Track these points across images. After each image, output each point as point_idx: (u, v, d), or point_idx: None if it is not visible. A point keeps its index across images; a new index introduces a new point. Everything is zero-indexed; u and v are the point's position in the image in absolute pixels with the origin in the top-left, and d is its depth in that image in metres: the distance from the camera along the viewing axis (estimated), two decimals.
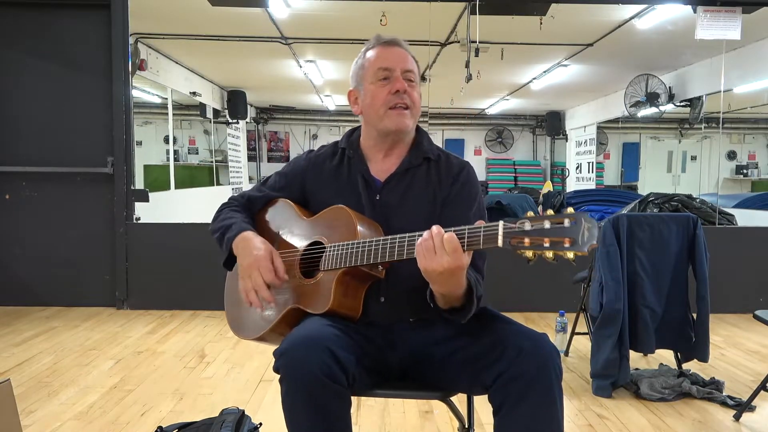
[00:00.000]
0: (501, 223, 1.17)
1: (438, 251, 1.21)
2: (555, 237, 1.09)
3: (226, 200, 1.68)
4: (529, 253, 1.12)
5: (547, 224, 1.10)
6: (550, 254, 1.10)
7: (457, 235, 1.21)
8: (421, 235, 1.26)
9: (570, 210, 1.11)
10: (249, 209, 1.65)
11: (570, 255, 1.08)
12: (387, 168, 1.56)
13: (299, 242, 1.53)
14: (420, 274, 1.25)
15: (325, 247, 1.45)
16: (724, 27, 4.31)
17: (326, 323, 1.35)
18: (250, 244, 1.47)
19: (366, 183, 1.54)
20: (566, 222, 1.09)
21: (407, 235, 1.30)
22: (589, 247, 1.06)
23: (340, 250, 1.40)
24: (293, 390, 1.25)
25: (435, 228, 1.23)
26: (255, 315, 1.54)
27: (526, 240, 1.11)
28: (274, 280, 1.42)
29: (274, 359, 1.29)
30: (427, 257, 1.22)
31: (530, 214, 1.14)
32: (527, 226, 1.12)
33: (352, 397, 1.33)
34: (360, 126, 1.63)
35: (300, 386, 1.24)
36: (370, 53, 1.55)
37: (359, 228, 1.41)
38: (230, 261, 1.55)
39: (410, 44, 1.58)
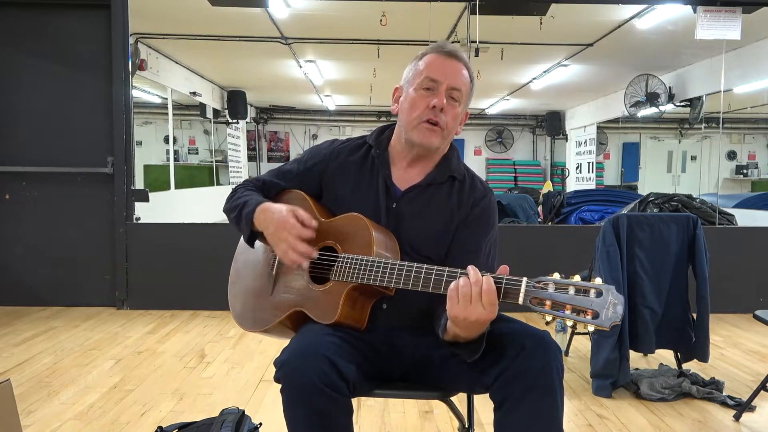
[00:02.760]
0: (524, 280, 1.15)
1: (474, 300, 1.18)
2: (578, 305, 1.08)
3: (240, 182, 1.65)
4: (549, 316, 1.11)
5: (572, 290, 1.09)
6: (569, 321, 1.10)
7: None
8: (439, 271, 1.25)
9: (598, 280, 1.09)
10: (263, 192, 1.60)
11: (590, 328, 1.08)
12: (410, 177, 1.52)
13: (312, 243, 1.50)
14: None
15: (337, 256, 1.42)
16: (724, 27, 4.31)
17: (327, 332, 1.34)
18: (269, 213, 1.44)
19: (386, 187, 1.51)
20: (592, 293, 1.07)
21: (434, 269, 1.28)
22: (611, 324, 1.05)
23: (353, 263, 1.37)
24: (294, 400, 1.25)
25: (473, 273, 1.18)
26: (260, 309, 1.53)
27: (548, 302, 1.11)
28: (302, 232, 1.39)
29: (274, 362, 1.29)
30: (463, 305, 1.19)
31: (556, 275, 1.13)
32: (551, 288, 1.11)
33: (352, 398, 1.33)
34: (392, 125, 1.59)
35: (300, 396, 1.24)
36: (427, 58, 1.49)
37: (376, 244, 1.38)
38: (253, 237, 1.51)
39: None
